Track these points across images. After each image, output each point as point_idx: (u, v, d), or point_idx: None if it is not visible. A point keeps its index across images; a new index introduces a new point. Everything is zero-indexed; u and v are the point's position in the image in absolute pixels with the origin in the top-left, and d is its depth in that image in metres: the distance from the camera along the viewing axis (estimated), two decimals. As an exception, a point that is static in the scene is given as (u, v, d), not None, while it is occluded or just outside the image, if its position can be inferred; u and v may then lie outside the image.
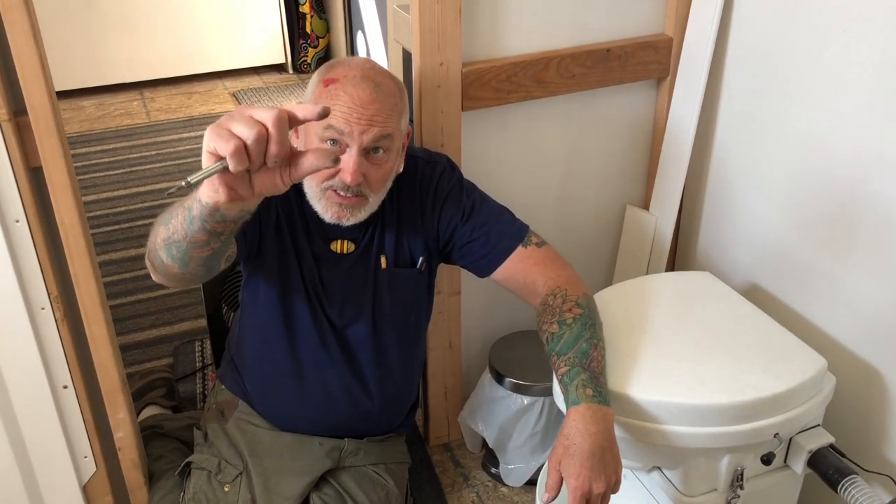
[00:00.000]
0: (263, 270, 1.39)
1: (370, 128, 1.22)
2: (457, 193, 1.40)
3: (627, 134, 1.78)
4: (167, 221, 1.09)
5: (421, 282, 1.45)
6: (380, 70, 1.28)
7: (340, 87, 1.22)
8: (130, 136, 3.63)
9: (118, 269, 2.61)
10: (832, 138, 1.42)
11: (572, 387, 1.20)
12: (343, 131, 1.22)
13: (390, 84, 1.27)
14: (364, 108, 1.21)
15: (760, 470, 1.35)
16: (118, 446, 1.51)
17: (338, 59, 1.31)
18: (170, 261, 1.12)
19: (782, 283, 1.59)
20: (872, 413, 1.43)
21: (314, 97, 1.25)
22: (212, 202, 0.90)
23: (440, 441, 1.90)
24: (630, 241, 1.84)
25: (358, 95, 1.22)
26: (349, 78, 1.23)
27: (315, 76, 1.29)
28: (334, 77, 1.24)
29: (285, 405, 1.48)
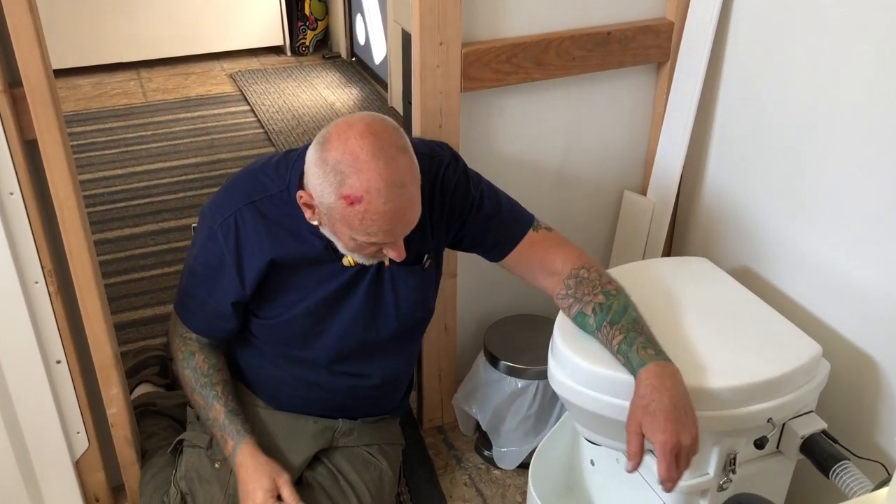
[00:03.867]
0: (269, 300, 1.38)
1: (409, 228, 1.21)
2: (464, 186, 1.37)
3: (626, 119, 1.77)
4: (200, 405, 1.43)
5: (426, 278, 1.43)
6: (387, 154, 1.14)
7: (370, 206, 1.13)
8: (127, 116, 3.61)
9: (113, 248, 2.60)
10: (831, 124, 1.42)
11: (633, 352, 1.21)
12: (387, 241, 1.20)
13: (406, 168, 1.16)
14: (402, 219, 1.18)
15: (753, 455, 1.36)
16: (111, 422, 1.51)
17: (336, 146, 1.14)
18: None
19: (779, 269, 1.59)
20: (865, 400, 1.43)
21: (339, 214, 1.16)
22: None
23: (434, 423, 1.90)
24: (627, 227, 1.84)
25: (392, 212, 1.15)
26: (372, 193, 1.12)
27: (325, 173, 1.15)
28: (357, 195, 1.13)
29: (281, 388, 1.48)
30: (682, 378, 1.18)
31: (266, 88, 3.94)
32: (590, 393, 1.29)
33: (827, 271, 1.48)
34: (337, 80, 4.08)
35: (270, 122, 3.54)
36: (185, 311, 1.43)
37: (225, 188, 1.35)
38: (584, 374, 1.29)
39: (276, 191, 1.29)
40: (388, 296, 1.39)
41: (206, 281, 1.36)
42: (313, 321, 1.39)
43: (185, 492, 1.42)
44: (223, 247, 1.31)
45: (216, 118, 3.57)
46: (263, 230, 1.30)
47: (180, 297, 1.43)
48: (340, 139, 1.14)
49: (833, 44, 1.39)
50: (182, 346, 1.45)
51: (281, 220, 1.29)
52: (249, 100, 3.78)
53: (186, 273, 1.40)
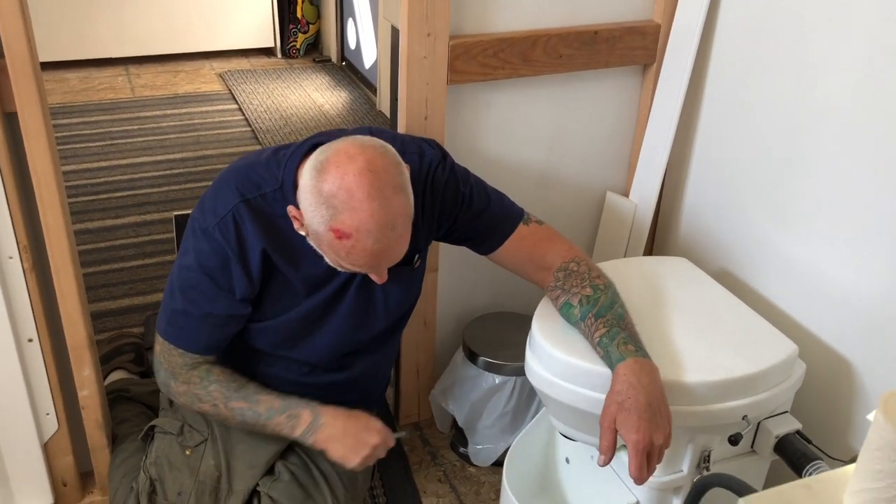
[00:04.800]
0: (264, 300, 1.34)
1: (391, 263, 1.20)
2: (454, 184, 1.36)
3: (611, 120, 1.78)
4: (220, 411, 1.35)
5: (415, 276, 1.42)
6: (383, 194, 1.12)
7: (357, 244, 1.13)
8: (113, 110, 3.59)
9: (94, 238, 2.58)
10: (814, 128, 1.43)
11: (613, 346, 1.21)
12: (370, 271, 1.20)
13: (400, 211, 1.14)
14: (387, 257, 1.17)
15: (727, 453, 1.36)
16: (82, 405, 1.49)
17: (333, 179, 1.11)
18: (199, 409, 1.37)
19: (758, 272, 1.60)
20: (839, 402, 1.44)
21: (327, 242, 1.16)
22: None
23: (410, 420, 1.89)
24: (609, 228, 1.84)
25: (378, 252, 1.14)
26: (363, 233, 1.12)
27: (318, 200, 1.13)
28: (346, 232, 1.12)
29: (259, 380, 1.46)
30: (659, 376, 1.19)
31: (255, 88, 3.93)
32: (566, 385, 1.29)
33: (805, 274, 1.48)
34: (326, 83, 4.09)
35: (258, 120, 3.53)
36: (183, 332, 1.32)
37: (213, 190, 1.29)
38: (562, 366, 1.29)
39: (269, 190, 1.25)
40: (377, 297, 1.38)
41: (209, 290, 1.28)
42: (303, 325, 1.36)
43: (154, 478, 1.40)
44: (224, 245, 1.25)
45: (203, 115, 3.56)
46: (259, 225, 1.25)
47: (172, 321, 1.31)
48: (338, 172, 1.11)
49: (818, 48, 1.40)
50: (194, 371, 1.34)
51: (275, 220, 1.25)
52: (238, 99, 3.77)
53: (177, 291, 1.30)
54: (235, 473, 1.41)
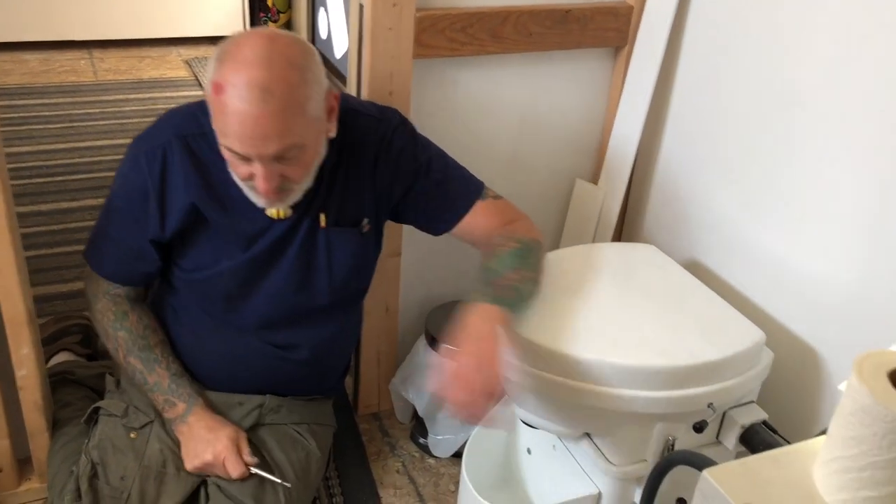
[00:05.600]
0: (193, 248, 1.32)
1: (265, 145, 1.10)
2: (411, 149, 1.33)
3: (581, 104, 1.74)
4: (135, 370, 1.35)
5: (364, 243, 1.37)
6: (272, 60, 1.09)
7: (227, 99, 1.07)
8: (74, 93, 3.49)
9: (46, 220, 2.49)
10: (786, 117, 1.40)
11: (472, 295, 1.21)
12: (239, 153, 1.12)
13: (283, 81, 1.09)
14: (253, 128, 1.08)
15: (692, 442, 1.32)
16: (20, 385, 1.41)
17: (233, 39, 1.11)
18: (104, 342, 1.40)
19: (727, 260, 1.57)
20: (806, 392, 1.41)
21: (211, 107, 1.12)
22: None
23: (370, 410, 1.83)
24: (577, 215, 1.81)
25: (245, 114, 1.07)
26: (235, 88, 1.06)
27: (212, 60, 1.12)
28: (221, 82, 1.08)
29: (207, 359, 1.41)
30: (494, 314, 1.17)
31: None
32: (528, 369, 1.24)
33: (773, 263, 1.46)
34: (296, 72, 4.02)
35: (224, 107, 3.46)
36: (97, 253, 1.34)
37: (157, 121, 1.28)
38: (524, 349, 1.24)
39: (210, 129, 1.19)
40: (321, 259, 1.33)
41: (125, 216, 1.28)
42: (240, 281, 1.32)
43: (96, 462, 1.33)
44: (147, 177, 1.23)
45: (168, 101, 3.47)
46: (191, 169, 1.23)
47: (93, 239, 1.34)
48: (241, 36, 1.11)
49: (790, 34, 1.37)
50: (112, 305, 1.36)
51: (210, 164, 1.23)
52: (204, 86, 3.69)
53: (103, 212, 1.32)
54: (182, 462, 1.35)
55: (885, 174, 1.23)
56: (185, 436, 1.33)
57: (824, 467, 0.62)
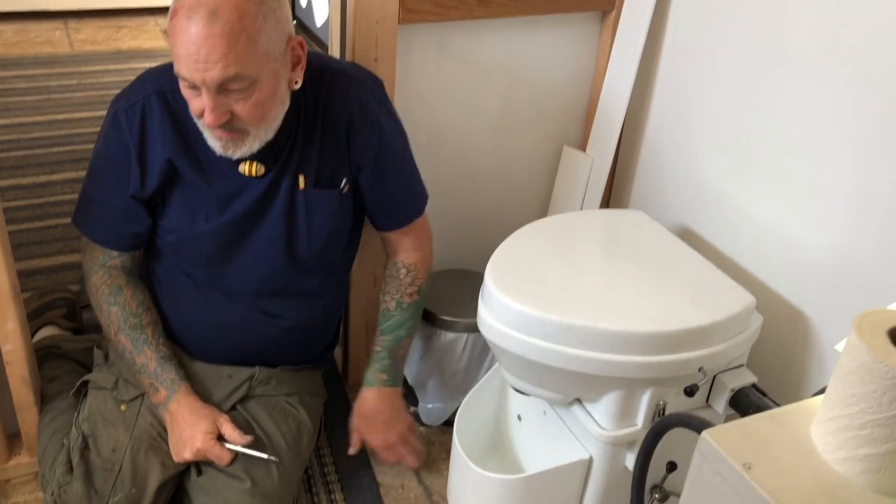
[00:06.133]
0: (170, 207, 1.31)
1: (208, 70, 1.08)
2: (388, 122, 1.33)
3: (569, 70, 1.72)
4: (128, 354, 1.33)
5: (345, 205, 1.36)
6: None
7: (177, 21, 1.08)
8: (51, 64, 3.43)
9: (27, 194, 2.45)
10: (773, 80, 1.39)
11: (372, 369, 1.48)
12: (186, 78, 1.11)
13: (233, 6, 1.08)
14: (198, 49, 1.07)
15: (682, 406, 1.33)
16: (6, 360, 1.40)
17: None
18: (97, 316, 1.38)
19: (716, 226, 1.57)
20: (795, 355, 1.42)
21: (169, 32, 1.13)
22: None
23: (359, 380, 1.80)
24: (565, 182, 1.80)
25: (190, 34, 1.07)
26: (185, 9, 1.07)
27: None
28: (177, 6, 1.09)
29: (193, 326, 1.39)
30: (397, 396, 1.50)
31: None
32: (519, 336, 1.24)
33: (762, 228, 1.46)
34: (277, 41, 3.96)
35: (204, 78, 3.40)
36: (87, 219, 1.33)
37: (136, 79, 1.27)
38: (514, 315, 1.24)
39: None
40: (301, 222, 1.33)
41: (110, 177, 1.27)
42: (220, 244, 1.32)
43: (87, 434, 1.32)
44: (127, 135, 1.23)
45: (147, 72, 3.42)
46: (168, 125, 1.22)
47: (81, 205, 1.32)
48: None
49: (779, -6, 1.36)
50: (107, 278, 1.34)
51: (188, 122, 1.22)
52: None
53: (88, 176, 1.30)
54: None
55: (871, 138, 1.23)
56: (168, 424, 1.32)
57: (823, 426, 0.62)
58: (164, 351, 1.34)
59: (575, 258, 1.37)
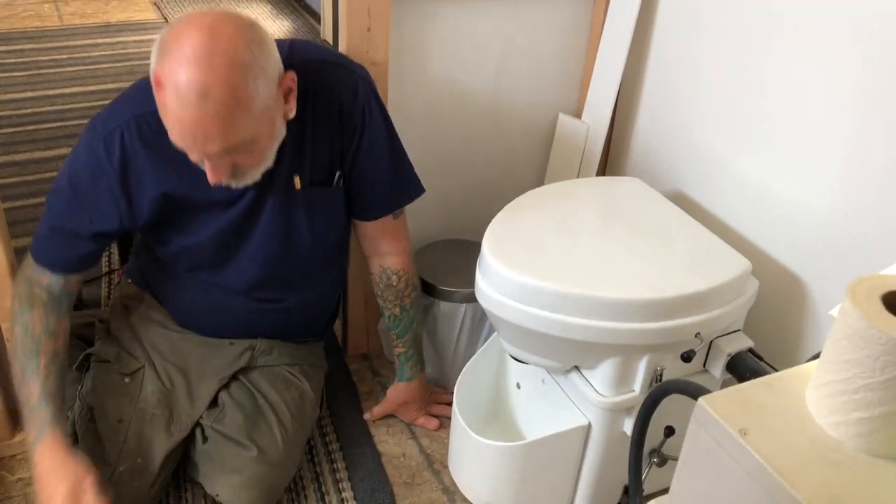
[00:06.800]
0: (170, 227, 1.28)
1: (207, 146, 1.06)
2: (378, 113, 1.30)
3: (563, 37, 1.71)
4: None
5: (339, 196, 1.35)
6: (211, 61, 1.01)
7: (166, 98, 1.02)
8: (40, 39, 3.39)
9: (20, 170, 2.44)
10: (767, 45, 1.38)
11: (407, 366, 1.57)
12: (189, 150, 1.08)
13: (224, 83, 1.01)
14: (192, 129, 1.04)
15: (680, 372, 1.34)
16: (7, 338, 1.40)
17: (175, 29, 1.03)
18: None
19: (712, 192, 1.57)
20: (790, 319, 1.43)
21: (156, 99, 1.06)
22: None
23: (359, 351, 1.84)
24: (561, 150, 1.79)
25: (181, 115, 1.02)
26: (174, 88, 1.01)
27: (155, 46, 1.05)
28: (161, 77, 1.02)
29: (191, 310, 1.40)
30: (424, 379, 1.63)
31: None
32: (516, 305, 1.25)
33: (758, 193, 1.46)
34: (268, 11, 3.92)
35: (196, 50, 3.37)
36: (37, 240, 1.26)
37: (110, 105, 1.21)
38: (511, 285, 1.24)
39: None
40: (300, 220, 1.31)
41: (71, 201, 1.20)
42: (221, 248, 1.30)
43: (92, 405, 1.33)
44: (106, 165, 1.17)
45: (138, 45, 3.38)
46: (154, 154, 1.17)
47: (37, 230, 1.26)
48: (183, 24, 1.04)
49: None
50: (24, 290, 1.25)
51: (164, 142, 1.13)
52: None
53: (49, 195, 1.23)
54: (177, 405, 1.35)
55: (867, 103, 1.22)
56: (34, 469, 1.18)
57: (817, 391, 0.63)
58: (50, 385, 1.21)
59: (572, 226, 1.37)
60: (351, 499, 1.47)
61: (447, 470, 1.54)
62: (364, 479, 1.51)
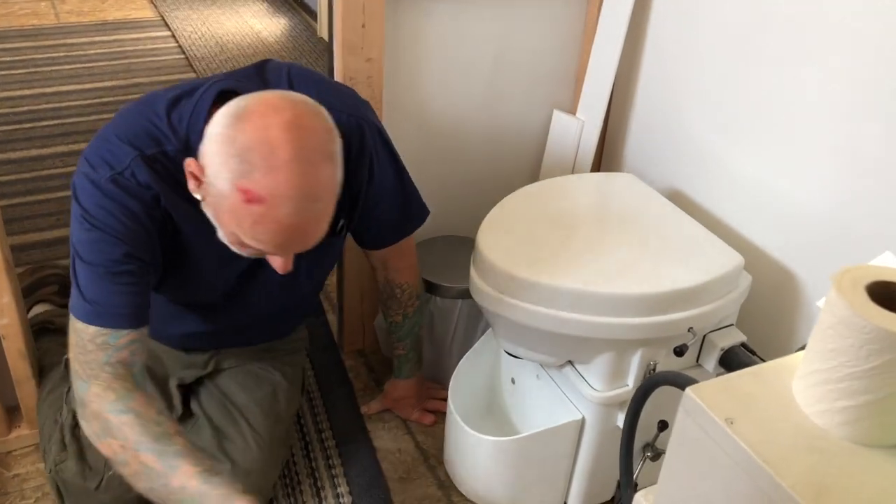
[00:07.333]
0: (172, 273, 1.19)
1: (304, 245, 1.01)
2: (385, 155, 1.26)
3: (557, 33, 1.71)
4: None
5: (342, 241, 1.34)
6: (311, 160, 0.94)
7: (270, 213, 0.94)
8: (37, 37, 3.39)
9: (17, 168, 2.45)
10: (762, 40, 1.39)
11: (406, 366, 1.60)
12: (275, 253, 1.01)
13: (326, 181, 0.97)
14: (300, 236, 0.98)
15: (672, 366, 1.34)
16: (2, 334, 1.41)
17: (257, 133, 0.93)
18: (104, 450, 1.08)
19: (706, 188, 1.57)
20: (783, 313, 1.44)
21: (229, 206, 0.95)
22: None
23: (355, 347, 1.85)
24: (555, 146, 1.80)
25: (295, 226, 0.96)
26: (280, 200, 0.93)
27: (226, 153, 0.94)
28: (259, 195, 0.92)
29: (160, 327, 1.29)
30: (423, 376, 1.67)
31: (188, 15, 3.75)
32: (511, 301, 1.26)
33: (752, 188, 1.46)
34: (264, 9, 3.92)
35: (192, 48, 3.37)
36: (101, 309, 1.06)
37: (97, 148, 1.06)
38: (506, 280, 1.25)
39: (170, 148, 1.05)
40: (302, 269, 1.25)
41: (115, 248, 1.05)
42: (219, 294, 1.26)
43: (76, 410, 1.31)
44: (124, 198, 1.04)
45: (134, 42, 3.38)
46: (163, 192, 1.06)
47: (86, 299, 1.05)
48: (261, 122, 0.93)
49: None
50: (112, 380, 1.06)
51: (177, 186, 1.05)
52: (171, 26, 3.59)
53: (84, 263, 1.05)
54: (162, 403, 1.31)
55: (859, 99, 1.23)
56: None
57: (803, 380, 0.63)
58: (205, 462, 1.04)
59: (566, 222, 1.37)
60: (346, 494, 1.47)
61: (442, 465, 1.55)
62: (360, 475, 1.51)
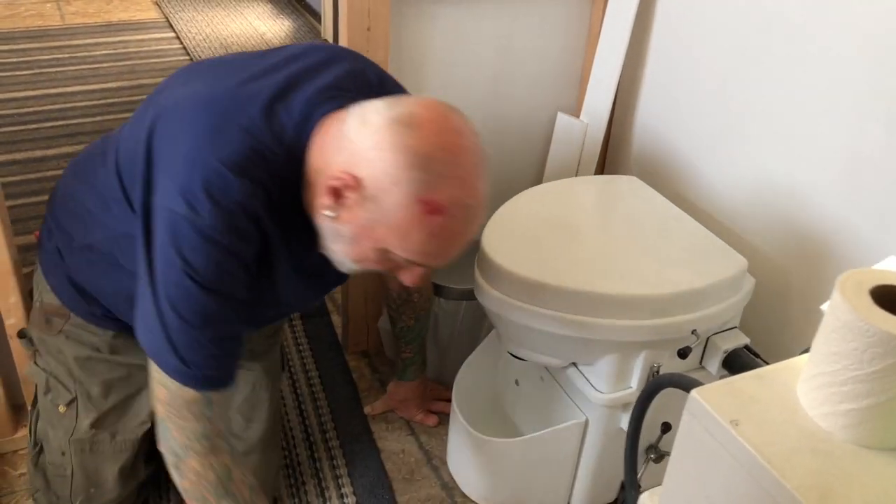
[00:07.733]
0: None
1: (454, 256, 0.99)
2: None
3: (561, 36, 1.72)
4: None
5: None
6: (480, 167, 0.94)
7: (448, 223, 0.91)
8: (42, 38, 3.40)
9: (22, 169, 2.46)
10: (764, 41, 1.39)
11: (411, 368, 1.61)
12: (429, 265, 0.99)
13: (486, 189, 0.96)
14: (459, 245, 0.97)
15: (676, 369, 1.34)
16: (9, 334, 1.41)
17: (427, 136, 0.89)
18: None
19: (708, 190, 1.58)
20: (786, 316, 1.44)
21: (398, 220, 0.90)
22: None
23: (359, 348, 1.85)
24: (560, 149, 1.80)
25: (466, 234, 0.95)
26: (460, 209, 0.91)
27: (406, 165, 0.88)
28: (441, 205, 0.89)
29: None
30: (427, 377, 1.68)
31: (193, 16, 3.76)
32: (515, 303, 1.26)
33: (756, 192, 1.47)
34: (269, 11, 3.93)
35: (197, 49, 3.38)
36: (198, 373, 0.98)
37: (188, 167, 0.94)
38: (510, 282, 1.26)
39: (276, 162, 0.95)
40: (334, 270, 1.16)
41: (223, 309, 0.98)
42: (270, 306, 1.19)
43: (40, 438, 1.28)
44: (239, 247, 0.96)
45: (139, 44, 3.39)
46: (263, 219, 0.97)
47: (185, 363, 0.97)
48: (435, 128, 0.90)
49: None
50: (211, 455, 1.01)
51: (277, 206, 0.98)
52: (175, 27, 3.60)
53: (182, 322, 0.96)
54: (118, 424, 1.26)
55: (862, 101, 1.23)
56: None
57: (807, 383, 0.64)
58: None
59: (570, 224, 1.38)
60: (350, 494, 1.48)
61: (446, 466, 1.56)
62: (363, 475, 1.52)
